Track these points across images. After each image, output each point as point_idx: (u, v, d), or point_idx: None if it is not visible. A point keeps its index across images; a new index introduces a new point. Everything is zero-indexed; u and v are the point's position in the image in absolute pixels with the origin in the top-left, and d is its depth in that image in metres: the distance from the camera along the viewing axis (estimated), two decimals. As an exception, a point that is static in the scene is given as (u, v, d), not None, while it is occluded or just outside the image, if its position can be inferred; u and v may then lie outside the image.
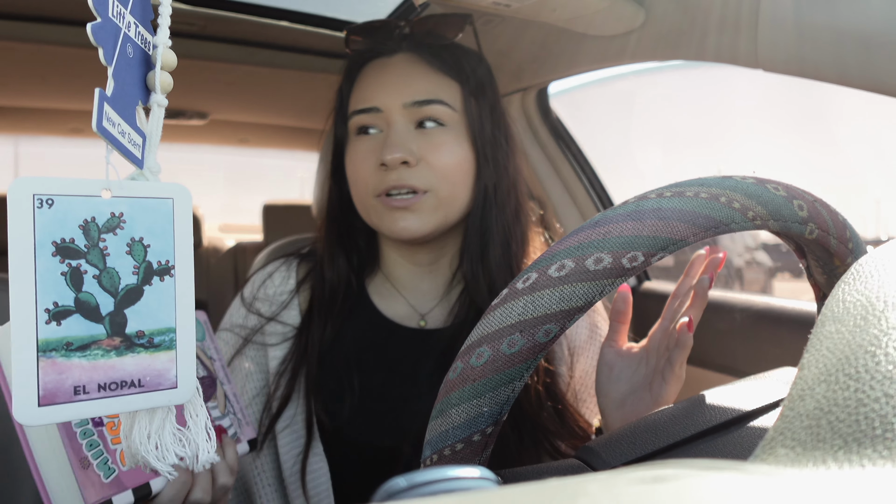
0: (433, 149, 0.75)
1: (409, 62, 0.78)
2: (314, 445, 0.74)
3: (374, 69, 0.79)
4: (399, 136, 0.74)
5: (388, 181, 0.74)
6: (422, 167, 0.74)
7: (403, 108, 0.75)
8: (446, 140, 0.76)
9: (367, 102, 0.77)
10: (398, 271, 0.85)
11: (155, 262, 0.32)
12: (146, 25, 0.35)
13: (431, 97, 0.76)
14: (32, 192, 0.29)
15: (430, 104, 0.75)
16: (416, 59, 0.78)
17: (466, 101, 0.78)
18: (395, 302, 0.84)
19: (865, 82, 0.74)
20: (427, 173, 0.74)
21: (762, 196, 0.41)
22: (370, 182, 0.75)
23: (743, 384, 0.54)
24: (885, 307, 0.20)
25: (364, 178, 0.76)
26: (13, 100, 1.98)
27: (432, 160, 0.74)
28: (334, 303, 0.80)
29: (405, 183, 0.73)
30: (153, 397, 0.32)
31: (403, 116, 0.75)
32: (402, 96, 0.75)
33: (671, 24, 0.97)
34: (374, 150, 0.76)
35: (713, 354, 1.30)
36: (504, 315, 0.38)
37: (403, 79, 0.77)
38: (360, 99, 0.78)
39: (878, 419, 0.17)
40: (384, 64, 0.79)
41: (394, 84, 0.76)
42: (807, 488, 0.15)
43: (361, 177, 0.76)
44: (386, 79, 0.77)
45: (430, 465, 0.41)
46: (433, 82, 0.77)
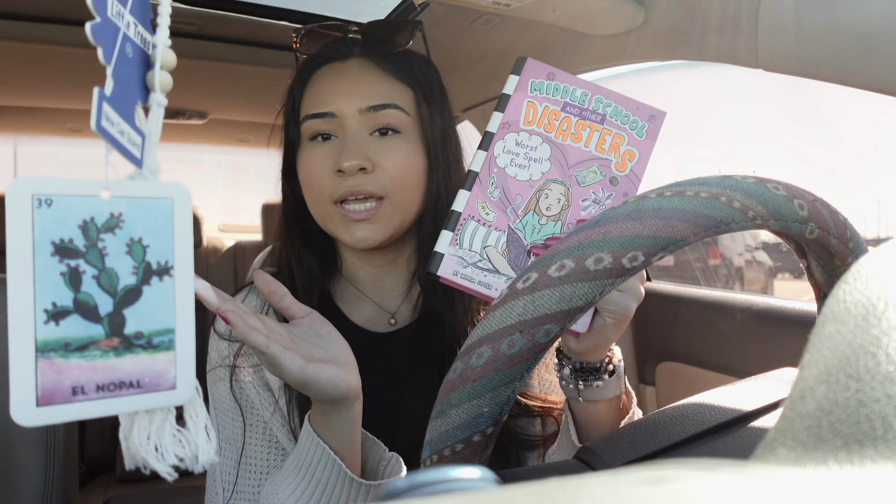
0: (389, 155, 0.76)
1: (362, 67, 0.79)
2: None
3: (327, 73, 0.79)
4: (356, 142, 0.75)
5: (344, 187, 0.74)
6: (378, 173, 0.75)
7: (359, 113, 0.76)
8: (401, 145, 0.77)
9: (321, 107, 0.77)
10: (359, 273, 0.85)
11: (154, 263, 0.32)
12: (145, 25, 0.34)
13: (386, 101, 0.76)
14: (31, 192, 0.29)
15: (386, 108, 0.76)
16: (370, 65, 0.79)
17: (419, 105, 0.80)
18: (362, 305, 0.85)
19: (865, 82, 0.74)
20: (383, 179, 0.75)
21: (762, 195, 0.41)
22: (325, 188, 0.75)
23: (743, 384, 0.54)
24: (885, 307, 0.20)
25: (319, 183, 0.76)
26: (12, 99, 1.98)
27: (388, 166, 0.75)
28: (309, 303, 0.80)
29: (362, 189, 0.74)
30: (152, 398, 0.32)
31: (359, 122, 0.76)
32: (358, 101, 0.76)
33: (671, 23, 0.97)
34: (329, 155, 0.76)
35: (713, 354, 1.30)
36: (504, 315, 0.38)
37: (358, 84, 0.77)
38: (314, 103, 0.78)
39: (879, 419, 0.17)
40: (337, 69, 0.79)
41: (348, 89, 0.77)
42: (808, 489, 0.15)
43: (316, 182, 0.76)
44: (340, 84, 0.77)
45: (429, 466, 0.41)
46: (387, 87, 0.78)
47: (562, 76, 0.64)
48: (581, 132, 0.63)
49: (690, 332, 1.36)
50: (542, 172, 0.62)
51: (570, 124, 0.63)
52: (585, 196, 0.62)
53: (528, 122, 0.62)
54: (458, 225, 0.60)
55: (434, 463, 0.40)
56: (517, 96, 0.63)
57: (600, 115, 0.63)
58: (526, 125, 0.62)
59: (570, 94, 0.63)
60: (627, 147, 0.63)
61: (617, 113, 0.64)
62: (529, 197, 0.62)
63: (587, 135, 0.63)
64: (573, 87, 0.63)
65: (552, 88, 0.63)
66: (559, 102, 0.63)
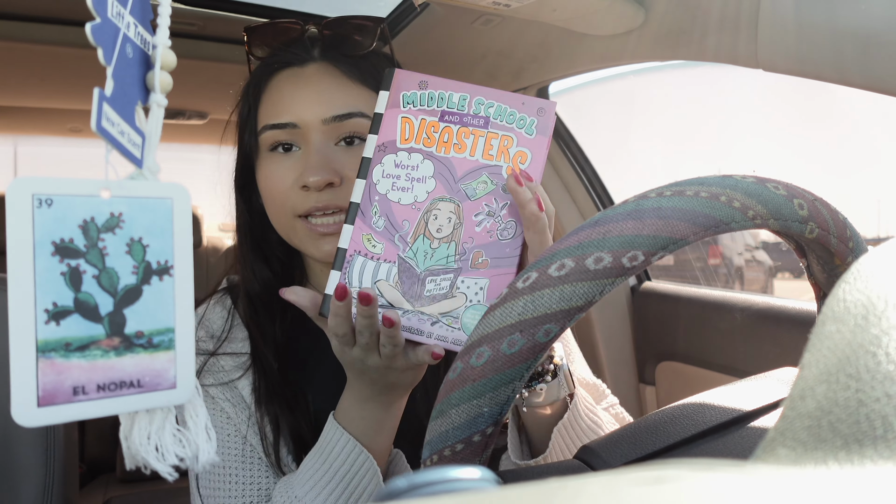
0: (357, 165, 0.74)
1: (324, 73, 0.73)
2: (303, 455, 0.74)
3: (286, 80, 0.74)
4: (321, 155, 0.70)
5: (310, 202, 0.70)
6: (346, 186, 0.71)
7: (323, 123, 0.71)
8: None
9: (281, 117, 0.71)
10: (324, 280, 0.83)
11: (154, 262, 0.32)
12: (145, 25, 0.34)
13: (351, 110, 0.71)
14: (31, 192, 0.29)
15: (351, 118, 0.71)
16: (332, 70, 0.74)
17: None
18: None
19: (865, 82, 0.74)
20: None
21: (762, 195, 0.41)
22: (289, 202, 0.71)
23: (743, 384, 0.54)
24: (885, 306, 0.20)
25: (281, 198, 0.72)
26: (12, 99, 1.98)
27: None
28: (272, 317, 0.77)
29: (330, 204, 0.70)
30: (152, 398, 0.32)
31: (323, 133, 0.71)
32: (321, 111, 0.71)
33: (671, 23, 0.97)
34: (292, 167, 0.71)
35: (713, 354, 1.30)
36: (504, 315, 0.38)
37: (320, 92, 0.72)
38: (274, 113, 0.72)
39: (879, 419, 0.17)
40: (297, 75, 0.74)
41: (310, 98, 0.71)
42: (808, 488, 0.15)
43: (278, 197, 0.72)
44: (301, 92, 0.72)
45: (429, 466, 0.41)
46: (352, 94, 0.72)
47: (436, 82, 0.59)
48: (464, 141, 0.58)
49: (690, 332, 1.36)
50: (427, 192, 0.58)
51: (452, 134, 0.58)
52: (478, 210, 0.58)
53: (405, 140, 0.58)
54: (344, 263, 0.57)
55: (434, 463, 0.40)
56: (390, 114, 0.58)
57: (483, 119, 0.58)
58: (403, 143, 0.58)
59: (447, 100, 0.58)
60: (518, 149, 0.58)
61: (501, 113, 0.58)
62: (417, 221, 0.58)
63: (471, 143, 0.58)
64: (449, 93, 0.58)
65: (426, 98, 0.58)
66: (436, 112, 0.58)
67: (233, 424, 0.74)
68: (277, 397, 0.74)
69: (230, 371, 0.75)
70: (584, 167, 1.60)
